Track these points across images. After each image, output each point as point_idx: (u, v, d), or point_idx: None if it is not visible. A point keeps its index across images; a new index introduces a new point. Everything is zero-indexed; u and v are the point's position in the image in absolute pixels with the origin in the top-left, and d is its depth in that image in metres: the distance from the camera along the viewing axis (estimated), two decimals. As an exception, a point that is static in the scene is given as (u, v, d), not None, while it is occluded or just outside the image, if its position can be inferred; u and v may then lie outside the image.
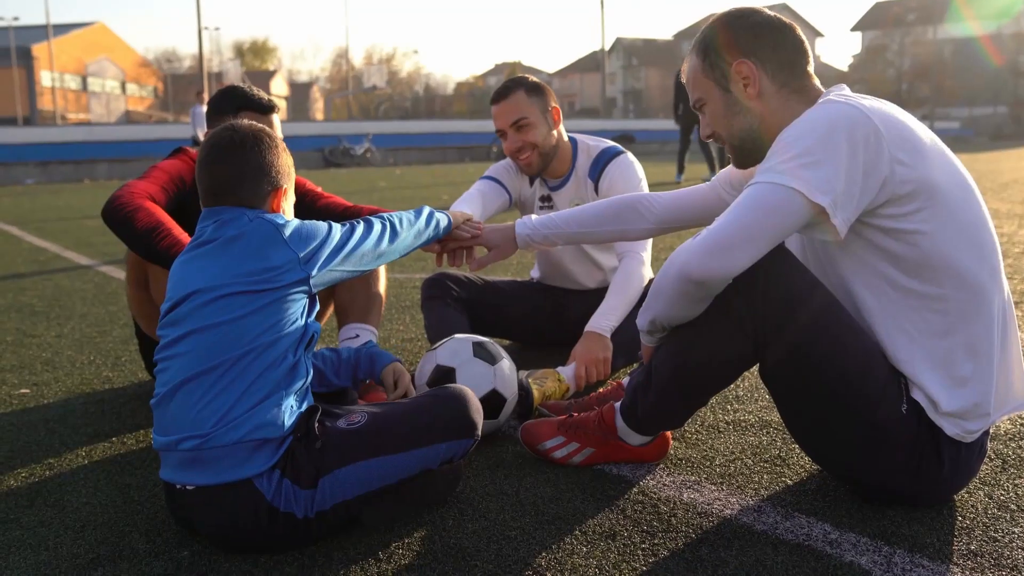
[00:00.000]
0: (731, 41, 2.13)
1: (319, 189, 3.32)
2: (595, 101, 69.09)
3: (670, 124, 14.37)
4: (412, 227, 2.42)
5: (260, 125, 2.17)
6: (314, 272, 2.05)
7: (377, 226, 2.27)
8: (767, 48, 2.10)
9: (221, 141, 2.11)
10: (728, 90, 2.14)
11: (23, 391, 3.38)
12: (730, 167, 2.49)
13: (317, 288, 2.09)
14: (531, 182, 3.54)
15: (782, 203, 1.89)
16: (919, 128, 1.99)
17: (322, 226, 2.12)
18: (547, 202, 3.53)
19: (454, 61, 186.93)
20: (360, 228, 2.22)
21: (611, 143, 3.49)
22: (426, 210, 2.55)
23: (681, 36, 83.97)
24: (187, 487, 1.95)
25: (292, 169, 2.22)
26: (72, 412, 3.09)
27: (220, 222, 2.06)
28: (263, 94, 3.02)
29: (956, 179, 1.99)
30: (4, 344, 4.22)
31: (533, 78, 3.40)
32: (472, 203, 3.36)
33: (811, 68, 2.15)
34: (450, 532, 2.06)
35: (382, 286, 3.26)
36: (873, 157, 1.88)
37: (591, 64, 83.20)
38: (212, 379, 1.94)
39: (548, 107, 3.34)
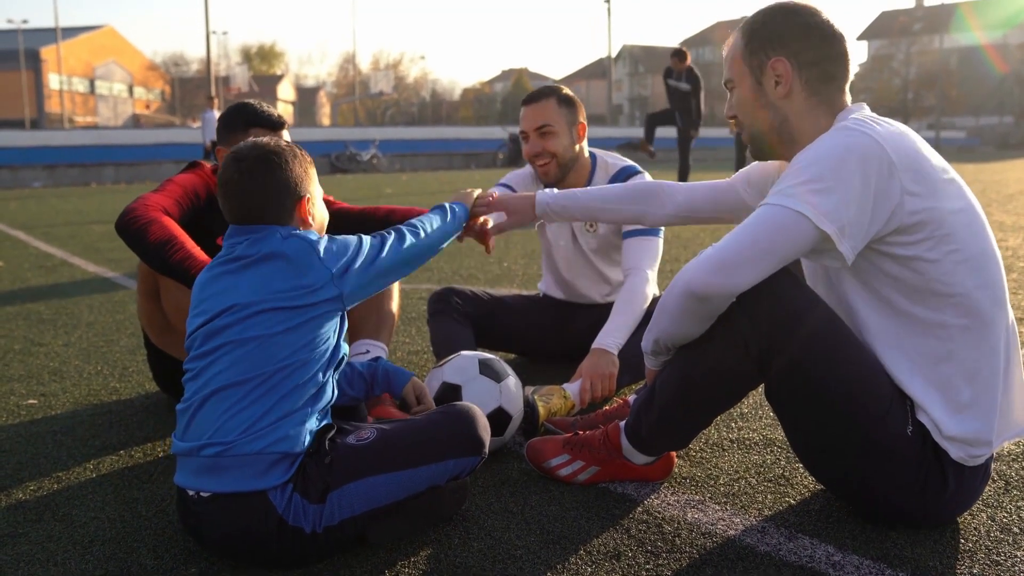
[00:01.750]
0: (778, 35, 2.11)
1: (329, 197, 3.33)
2: (601, 108, 69.08)
3: (676, 132, 14.04)
4: (437, 228, 2.42)
5: (272, 140, 2.18)
6: (347, 289, 2.06)
7: (407, 234, 2.28)
8: (811, 53, 2.09)
9: (229, 178, 2.12)
10: (760, 82, 2.14)
11: (31, 401, 3.40)
12: (752, 165, 2.51)
13: (351, 303, 2.11)
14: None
15: (789, 226, 1.91)
16: (932, 156, 2.00)
17: (352, 240, 2.14)
18: None
19: (461, 67, 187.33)
20: (391, 238, 2.22)
21: (630, 162, 3.53)
22: (445, 206, 2.55)
23: (688, 44, 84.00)
24: (201, 494, 1.97)
25: (310, 169, 2.22)
26: (80, 424, 3.11)
27: (252, 240, 2.08)
28: (273, 111, 3.05)
29: (966, 210, 1.99)
30: (12, 353, 4.24)
31: (568, 91, 3.45)
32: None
33: (847, 84, 2.14)
34: (455, 550, 2.07)
35: (395, 304, 3.27)
36: (884, 187, 1.90)
37: (597, 71, 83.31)
38: (243, 391, 1.96)
39: (576, 121, 3.40)
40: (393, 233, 2.25)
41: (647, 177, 3.47)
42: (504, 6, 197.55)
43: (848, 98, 2.14)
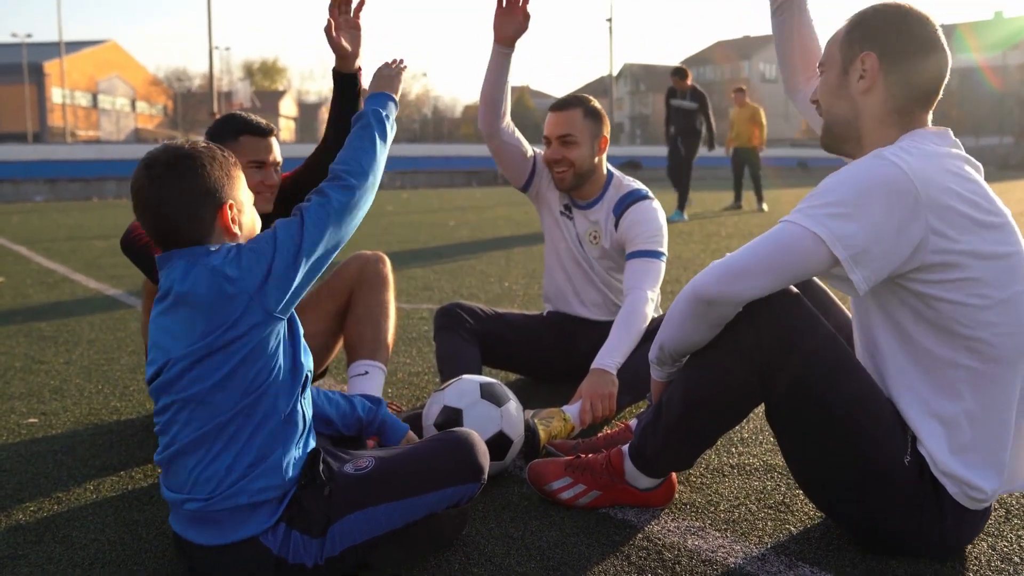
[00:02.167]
0: (880, 31, 2.06)
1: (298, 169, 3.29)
2: (602, 126, 69.02)
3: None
4: (368, 150, 2.15)
5: (187, 142, 2.01)
6: (272, 303, 1.89)
7: (329, 192, 2.01)
8: (906, 58, 2.04)
9: (140, 187, 1.94)
10: (846, 71, 2.10)
11: (31, 420, 3.40)
12: None
13: (288, 310, 1.95)
14: (551, 180, 3.62)
15: (801, 245, 1.92)
16: (978, 198, 1.94)
17: (266, 239, 1.93)
18: (568, 211, 3.63)
19: (463, 84, 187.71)
20: (311, 207, 1.98)
21: (642, 186, 3.57)
22: (367, 114, 2.24)
23: (689, 63, 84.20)
24: (193, 543, 1.96)
25: (234, 172, 2.02)
26: (80, 443, 3.10)
27: (168, 272, 1.94)
28: (261, 120, 3.07)
29: (1006, 254, 1.94)
30: (13, 370, 4.24)
31: (596, 104, 3.52)
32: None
33: (933, 103, 2.09)
34: (456, 577, 2.07)
35: (391, 321, 3.27)
36: (907, 223, 1.87)
37: (598, 89, 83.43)
38: (205, 448, 1.91)
39: (599, 134, 3.47)
40: (313, 198, 2.00)
41: (656, 203, 3.51)
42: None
43: (930, 117, 2.10)
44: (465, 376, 2.81)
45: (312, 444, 2.08)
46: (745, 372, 2.07)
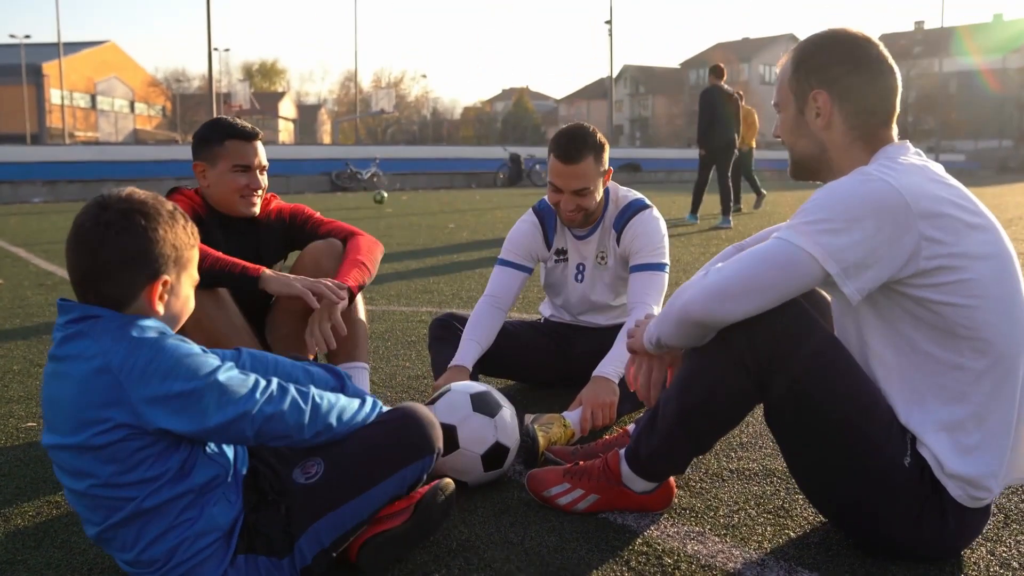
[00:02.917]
0: (823, 66, 2.10)
1: (318, 215, 3.32)
2: (602, 128, 68.85)
3: (676, 153, 13.87)
4: (346, 424, 2.01)
5: (153, 198, 1.89)
6: (149, 416, 1.74)
7: (290, 400, 1.88)
8: (856, 87, 2.08)
9: (84, 223, 1.82)
10: (802, 111, 2.14)
11: (30, 424, 3.39)
12: None
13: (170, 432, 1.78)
14: (547, 243, 3.59)
15: (793, 263, 1.93)
16: (962, 201, 1.97)
17: (194, 356, 1.79)
18: (561, 256, 3.59)
19: (462, 86, 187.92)
20: (252, 383, 1.84)
21: (640, 196, 3.54)
22: (366, 405, 2.11)
23: (688, 65, 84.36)
24: None
25: (187, 252, 1.91)
26: (79, 447, 3.09)
27: (69, 326, 1.82)
28: (247, 124, 3.12)
29: (995, 256, 1.97)
30: (11, 373, 4.24)
31: (599, 136, 3.34)
32: (505, 297, 3.51)
33: (893, 119, 2.12)
34: (455, 582, 2.07)
35: (362, 312, 3.17)
36: (899, 234, 1.89)
37: (598, 91, 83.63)
38: (119, 533, 1.85)
39: (605, 170, 3.37)
40: (270, 380, 1.88)
41: (655, 212, 3.48)
42: (505, 26, 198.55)
43: (895, 132, 2.12)
44: (454, 386, 2.79)
45: (244, 466, 2.01)
46: (739, 375, 2.07)
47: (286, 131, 77.67)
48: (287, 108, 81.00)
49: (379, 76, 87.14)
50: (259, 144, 3.12)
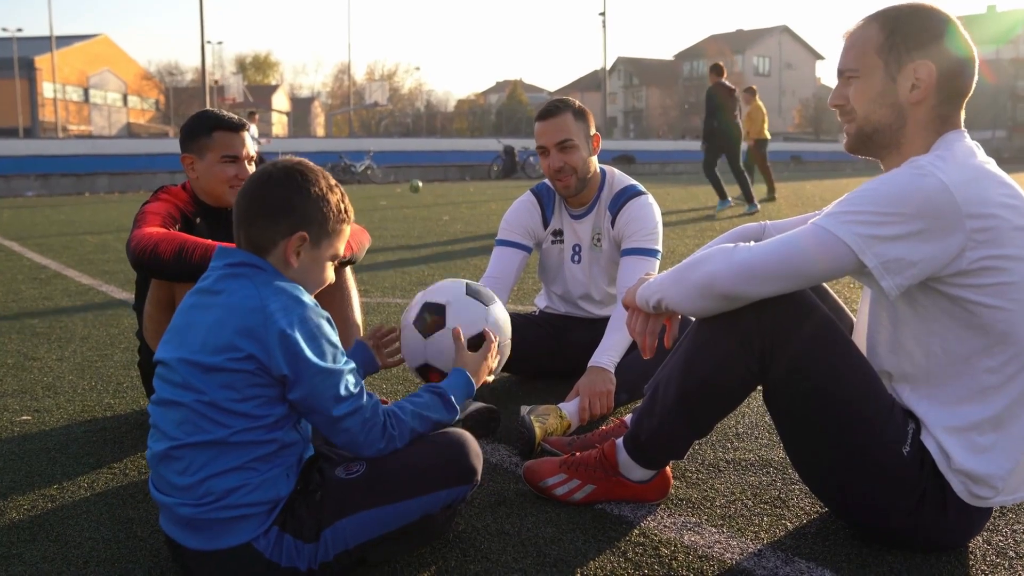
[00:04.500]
0: (929, 38, 1.98)
1: None
2: (596, 120, 69.20)
3: (670, 145, 14.03)
4: (429, 427, 2.15)
5: (308, 164, 2.08)
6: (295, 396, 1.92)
7: (377, 433, 2.02)
8: (956, 67, 1.99)
9: (255, 175, 2.04)
10: (893, 79, 2.01)
11: (24, 418, 3.38)
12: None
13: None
14: (544, 222, 3.59)
15: (830, 251, 1.90)
16: (1012, 198, 1.92)
17: (328, 350, 1.94)
18: (558, 237, 3.59)
19: (456, 78, 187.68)
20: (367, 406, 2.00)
21: (635, 182, 3.55)
22: (449, 398, 2.21)
23: (682, 57, 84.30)
24: (185, 546, 1.94)
25: (336, 225, 2.06)
26: (74, 441, 3.09)
27: (229, 268, 1.97)
28: (233, 115, 3.18)
29: None
30: (5, 367, 4.22)
31: (579, 103, 3.47)
32: (505, 278, 3.52)
33: (964, 104, 2.05)
34: (452, 574, 2.07)
35: (357, 313, 3.19)
36: (945, 233, 1.85)
37: (592, 83, 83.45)
38: (192, 455, 1.90)
39: (590, 133, 3.43)
40: (379, 415, 2.02)
41: (650, 198, 3.49)
42: (499, 18, 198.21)
43: (963, 116, 2.06)
44: (448, 279, 2.75)
45: (310, 452, 2.08)
46: (745, 355, 2.06)
47: (280, 124, 77.44)
48: (280, 101, 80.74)
49: (372, 69, 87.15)
50: (246, 135, 3.18)
